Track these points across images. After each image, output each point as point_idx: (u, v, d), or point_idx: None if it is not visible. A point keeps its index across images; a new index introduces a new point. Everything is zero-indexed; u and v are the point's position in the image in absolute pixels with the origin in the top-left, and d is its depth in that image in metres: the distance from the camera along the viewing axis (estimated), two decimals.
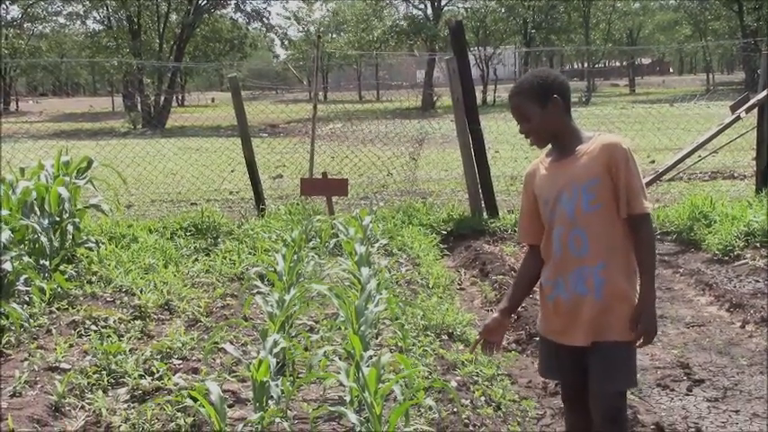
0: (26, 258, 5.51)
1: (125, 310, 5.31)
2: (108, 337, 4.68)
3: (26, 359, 4.25)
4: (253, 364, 3.55)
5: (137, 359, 4.32)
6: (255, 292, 5.20)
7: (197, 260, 6.87)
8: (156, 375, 4.15)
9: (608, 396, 2.70)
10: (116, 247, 6.90)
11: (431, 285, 6.06)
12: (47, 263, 5.92)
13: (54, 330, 4.81)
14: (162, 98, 34.91)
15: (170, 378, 4.09)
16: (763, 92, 8.77)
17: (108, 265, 6.25)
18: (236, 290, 6.01)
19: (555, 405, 3.88)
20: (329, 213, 8.52)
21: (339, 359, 3.87)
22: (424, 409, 3.59)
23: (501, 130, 12.27)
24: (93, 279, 6.01)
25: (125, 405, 3.86)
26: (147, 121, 30.73)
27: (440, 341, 4.70)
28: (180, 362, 4.44)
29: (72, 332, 4.82)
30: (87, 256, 6.42)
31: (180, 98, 46.35)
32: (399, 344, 4.42)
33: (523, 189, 2.92)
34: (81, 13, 45.92)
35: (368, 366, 3.42)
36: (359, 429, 3.20)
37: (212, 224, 7.98)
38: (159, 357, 4.42)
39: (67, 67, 52.17)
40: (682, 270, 6.78)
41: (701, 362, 4.61)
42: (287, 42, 51.63)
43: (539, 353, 3.06)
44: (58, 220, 6.41)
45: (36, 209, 6.30)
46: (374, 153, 10.87)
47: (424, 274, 6.37)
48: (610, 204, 2.67)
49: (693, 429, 3.72)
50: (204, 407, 3.19)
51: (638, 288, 2.70)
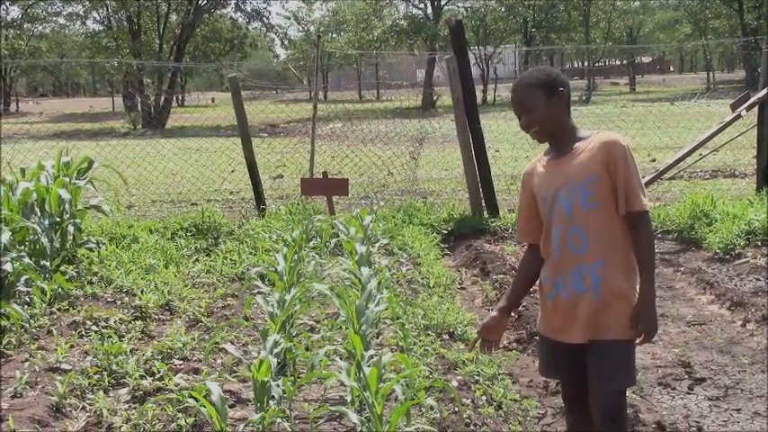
0: (27, 259, 5.51)
1: (126, 310, 5.32)
2: (109, 337, 4.68)
3: (27, 360, 4.25)
4: (254, 364, 3.55)
5: (137, 359, 4.32)
6: (256, 292, 5.20)
7: (198, 260, 6.88)
8: (157, 376, 4.16)
9: (608, 395, 2.70)
10: (117, 247, 6.91)
11: (431, 285, 6.06)
12: (47, 263, 5.92)
13: (55, 331, 4.81)
14: (162, 98, 34.89)
15: (171, 378, 4.10)
16: (763, 90, 8.77)
17: (109, 265, 6.26)
18: (236, 290, 6.01)
19: (556, 404, 3.88)
20: (330, 213, 8.53)
21: (340, 359, 3.87)
22: (425, 409, 3.59)
23: (501, 130, 12.28)
24: (94, 280, 6.01)
25: (126, 405, 3.86)
26: (148, 121, 30.70)
27: (441, 341, 4.71)
28: (181, 362, 4.45)
29: (73, 333, 4.82)
30: (88, 257, 6.43)
31: (180, 98, 46.33)
32: (400, 343, 4.42)
33: (521, 188, 2.92)
34: (81, 14, 45.91)
35: (369, 366, 3.42)
36: (360, 429, 3.20)
37: (213, 224, 7.98)
38: (160, 358, 4.43)
39: (67, 67, 52.18)
40: (683, 269, 6.77)
41: (702, 360, 4.61)
42: (287, 42, 51.65)
43: (539, 352, 3.06)
44: (58, 220, 6.41)
45: (36, 210, 6.30)
46: (374, 153, 10.87)
47: (424, 273, 6.37)
48: (608, 202, 2.67)
49: (695, 428, 3.72)
50: (205, 407, 3.19)
51: (637, 286, 2.70)
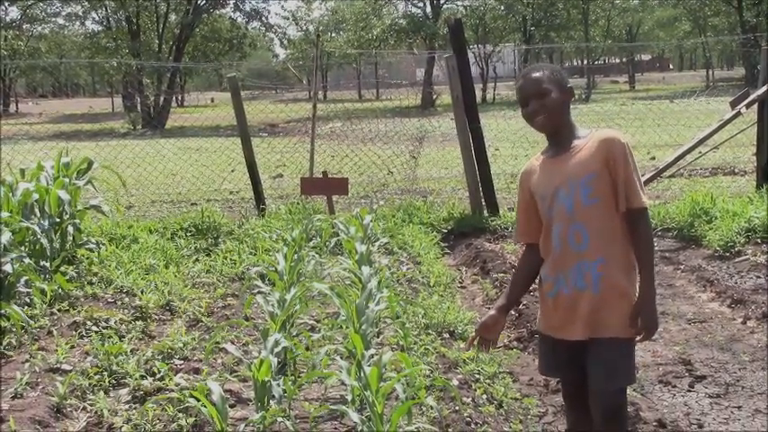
0: (27, 260, 5.51)
1: (126, 310, 5.32)
2: (109, 337, 4.68)
3: (27, 360, 4.26)
4: (254, 364, 3.55)
5: (138, 360, 4.32)
6: (256, 291, 5.20)
7: (198, 260, 6.87)
8: (158, 376, 4.16)
9: (608, 393, 2.70)
10: (117, 247, 6.91)
11: (432, 284, 6.06)
12: (47, 264, 5.92)
13: (55, 331, 4.81)
14: (161, 98, 34.86)
15: (171, 378, 4.10)
16: (763, 87, 8.76)
17: (109, 265, 6.25)
18: (236, 290, 6.01)
19: (557, 402, 3.88)
20: (329, 212, 8.52)
21: (340, 358, 3.87)
22: (425, 408, 3.59)
23: (501, 128, 12.27)
24: (94, 280, 6.01)
25: (126, 406, 3.86)
26: (147, 121, 30.69)
27: (441, 339, 4.71)
28: (181, 362, 4.45)
29: (73, 333, 4.82)
30: (88, 258, 6.43)
31: (179, 98, 46.28)
32: (400, 342, 4.42)
33: (519, 188, 2.91)
34: (80, 14, 45.84)
35: (369, 365, 3.42)
36: (361, 428, 3.20)
37: (213, 224, 7.98)
38: (160, 358, 4.43)
39: (67, 68, 52.15)
40: (683, 266, 6.77)
41: (702, 358, 4.61)
42: (286, 42, 51.61)
43: (539, 350, 3.06)
44: (58, 221, 6.40)
45: (36, 210, 6.30)
46: (374, 152, 10.86)
47: (424, 272, 6.37)
48: (608, 199, 2.67)
49: (695, 426, 3.72)
50: (206, 407, 3.19)
51: (637, 284, 2.71)
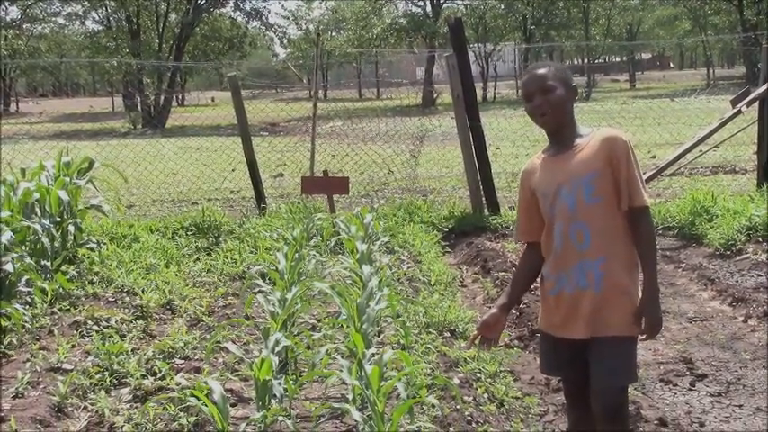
0: (28, 259, 5.51)
1: (127, 310, 5.32)
2: (110, 337, 4.69)
3: (28, 360, 4.26)
4: (255, 363, 3.54)
5: (139, 359, 4.32)
6: (257, 290, 5.19)
7: (198, 259, 6.88)
8: (159, 375, 4.16)
9: (609, 392, 2.69)
10: (117, 247, 6.91)
11: (432, 282, 6.06)
12: (48, 263, 5.92)
13: (56, 331, 4.82)
14: (162, 98, 34.85)
15: (172, 378, 4.10)
16: (763, 86, 8.75)
17: (109, 265, 6.26)
18: (237, 289, 6.01)
19: (558, 401, 3.88)
20: (330, 211, 8.52)
21: (341, 357, 3.87)
22: (426, 407, 3.58)
23: (501, 127, 12.27)
24: (95, 279, 6.01)
25: (128, 405, 3.86)
26: (148, 121, 30.67)
27: (442, 338, 4.71)
28: (182, 361, 4.45)
29: (74, 332, 4.82)
30: (89, 257, 6.43)
31: (180, 98, 46.29)
32: (401, 341, 4.42)
33: (520, 187, 2.91)
34: (80, 14, 45.92)
35: (370, 364, 3.42)
36: (362, 427, 3.19)
37: (213, 223, 7.99)
38: (161, 357, 4.43)
39: (67, 67, 52.12)
40: (684, 265, 6.77)
41: (703, 357, 4.61)
42: (286, 41, 51.61)
43: (540, 349, 3.05)
44: (59, 220, 6.41)
45: (37, 210, 6.30)
46: (375, 151, 10.86)
47: (425, 271, 6.37)
48: (610, 198, 2.67)
49: (697, 424, 3.72)
50: (207, 406, 3.19)
51: (638, 283, 2.70)
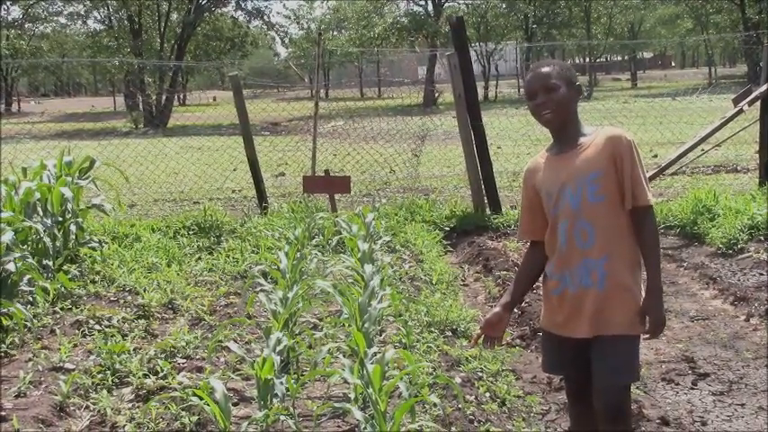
0: (29, 259, 5.50)
1: (129, 309, 5.32)
2: (112, 336, 4.69)
3: (30, 359, 4.26)
4: (257, 362, 3.55)
5: (141, 358, 4.33)
6: (259, 289, 5.18)
7: (200, 259, 6.88)
8: (161, 374, 4.16)
9: (612, 390, 2.69)
10: (119, 246, 6.91)
11: (434, 282, 6.06)
12: (50, 263, 5.93)
13: (58, 330, 4.82)
14: (163, 97, 34.82)
15: (174, 377, 4.10)
16: (765, 85, 8.73)
17: (111, 264, 6.26)
18: (239, 288, 6.01)
19: (560, 400, 3.88)
20: (332, 211, 8.52)
21: (343, 356, 3.87)
22: (428, 406, 3.59)
23: (503, 126, 12.27)
24: (97, 279, 6.02)
25: (129, 404, 3.87)
26: (149, 120, 30.67)
27: (444, 337, 4.71)
28: (184, 361, 4.45)
29: (76, 332, 4.83)
30: (90, 256, 6.43)
31: (181, 97, 46.27)
32: (403, 340, 4.42)
33: (523, 185, 2.91)
34: (82, 13, 45.80)
35: (372, 363, 3.42)
36: (364, 426, 3.19)
37: (215, 223, 7.99)
38: (163, 356, 4.43)
39: (69, 67, 52.19)
40: (686, 264, 6.76)
41: (705, 356, 4.60)
42: (287, 41, 51.60)
43: (542, 348, 3.05)
44: (60, 220, 6.41)
45: (39, 209, 6.30)
46: (376, 150, 10.85)
47: (427, 270, 6.37)
48: (614, 197, 2.67)
49: (699, 423, 3.71)
50: (209, 405, 3.19)
51: (641, 282, 2.70)
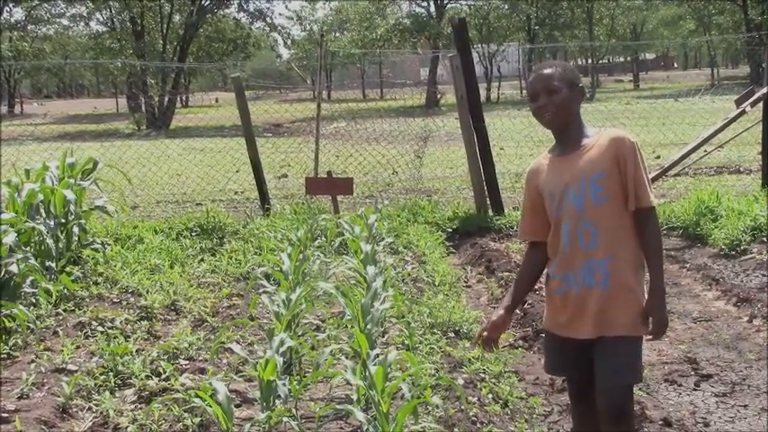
0: (32, 260, 5.51)
1: (131, 310, 5.32)
2: (114, 338, 4.69)
3: (33, 361, 4.27)
4: (260, 364, 3.55)
5: (143, 360, 4.33)
6: (261, 291, 5.19)
7: (203, 260, 6.88)
8: (163, 376, 4.16)
9: (614, 391, 2.69)
10: (122, 248, 6.92)
11: (437, 283, 6.06)
12: (53, 264, 5.94)
13: (61, 332, 4.82)
14: (166, 99, 34.85)
15: (177, 378, 4.10)
16: (767, 86, 8.73)
17: (114, 266, 6.27)
18: (242, 289, 6.01)
19: (562, 401, 3.88)
20: (334, 212, 8.52)
21: (346, 358, 3.87)
22: (431, 407, 3.58)
23: (505, 127, 12.26)
24: (100, 280, 6.02)
25: (132, 406, 3.87)
26: (152, 122, 30.69)
27: (446, 339, 4.70)
28: (187, 362, 4.45)
29: (79, 333, 4.83)
30: (93, 258, 6.44)
31: (184, 99, 46.32)
32: (406, 342, 4.42)
33: (526, 186, 2.91)
34: (84, 15, 45.91)
35: (374, 365, 3.42)
36: (366, 428, 3.19)
37: (218, 224, 8.00)
38: (166, 358, 4.43)
39: (71, 68, 52.14)
40: (688, 265, 6.76)
41: (708, 357, 4.60)
42: (290, 42, 51.60)
43: (545, 349, 3.05)
44: (63, 221, 6.42)
45: (42, 211, 6.31)
46: (379, 151, 10.86)
47: (429, 271, 6.37)
48: (617, 198, 2.67)
49: (701, 424, 3.71)
50: (211, 407, 3.19)
51: (644, 283, 2.70)
